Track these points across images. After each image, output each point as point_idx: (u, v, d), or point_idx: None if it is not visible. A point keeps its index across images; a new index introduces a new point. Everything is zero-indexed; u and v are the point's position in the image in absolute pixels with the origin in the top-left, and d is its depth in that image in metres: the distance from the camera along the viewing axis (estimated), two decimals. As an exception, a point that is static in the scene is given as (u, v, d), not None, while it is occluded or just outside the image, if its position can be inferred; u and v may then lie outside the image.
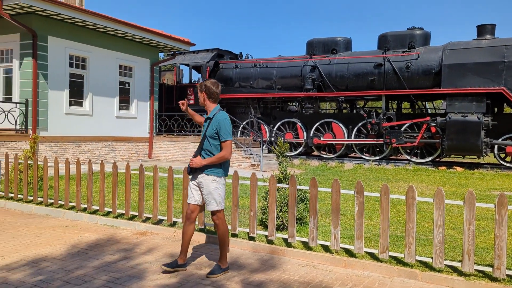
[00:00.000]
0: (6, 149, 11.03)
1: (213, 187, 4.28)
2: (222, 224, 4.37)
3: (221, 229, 4.36)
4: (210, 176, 4.29)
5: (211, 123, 4.29)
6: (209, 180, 4.28)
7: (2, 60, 12.80)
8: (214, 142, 4.27)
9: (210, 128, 4.28)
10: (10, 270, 4.27)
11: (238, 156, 14.32)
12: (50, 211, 6.94)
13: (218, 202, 4.31)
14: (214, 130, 4.24)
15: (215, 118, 4.28)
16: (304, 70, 16.61)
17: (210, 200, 4.30)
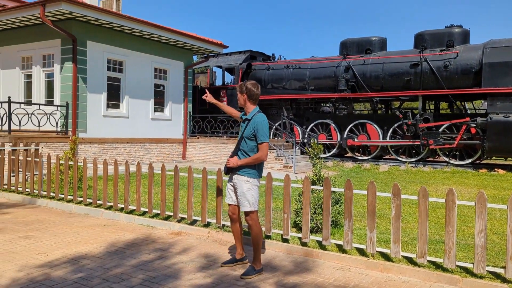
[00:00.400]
0: (48, 150, 11.47)
1: (246, 188, 4.35)
2: (255, 225, 4.39)
3: (254, 230, 4.38)
4: (244, 176, 4.35)
5: (249, 124, 4.34)
6: (243, 180, 4.35)
7: (45, 65, 13.33)
8: (250, 143, 4.33)
9: (248, 129, 4.33)
10: (52, 267, 4.42)
11: (271, 158, 14.31)
12: (89, 211, 7.16)
13: (251, 203, 4.35)
14: (252, 132, 4.29)
15: (254, 120, 4.32)
16: (337, 71, 16.42)
17: (243, 200, 4.36)
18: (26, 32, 13.46)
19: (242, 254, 4.67)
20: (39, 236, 5.61)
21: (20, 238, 5.51)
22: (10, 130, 11.08)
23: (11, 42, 13.94)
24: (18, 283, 3.94)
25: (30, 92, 13.71)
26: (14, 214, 7.00)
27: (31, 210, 7.34)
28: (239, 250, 4.67)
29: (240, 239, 4.68)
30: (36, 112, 12.43)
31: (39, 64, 13.35)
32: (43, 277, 4.12)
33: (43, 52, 13.21)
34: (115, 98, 14.00)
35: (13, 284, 3.91)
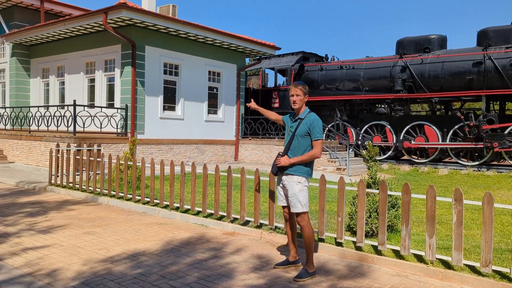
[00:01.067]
0: (109, 150, 12.06)
1: (298, 189, 4.34)
2: (307, 226, 4.36)
3: (306, 231, 4.35)
4: (295, 176, 4.35)
5: (302, 123, 4.37)
6: (294, 182, 4.35)
7: (106, 70, 14.03)
8: (304, 141, 4.34)
9: (301, 127, 4.36)
10: (114, 262, 4.63)
11: (323, 160, 14.13)
12: (147, 209, 7.43)
13: (303, 204, 4.35)
14: (306, 129, 4.32)
15: (308, 118, 4.37)
16: (393, 71, 15.92)
17: (295, 202, 4.35)
18: (90, 39, 14.24)
19: (296, 256, 4.64)
20: (101, 232, 5.90)
21: (84, 233, 5.83)
22: (75, 132, 11.76)
23: (76, 49, 14.81)
24: (83, 276, 4.16)
25: (93, 95, 14.49)
26: (78, 211, 7.42)
27: (93, 208, 7.74)
28: (293, 253, 4.65)
29: (294, 241, 4.66)
30: (98, 114, 13.11)
31: (101, 69, 14.08)
32: (105, 271, 4.32)
33: (105, 57, 13.91)
34: (171, 100, 14.45)
35: (79, 277, 4.14)
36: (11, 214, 6.99)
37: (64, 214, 7.10)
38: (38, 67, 16.47)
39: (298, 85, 4.44)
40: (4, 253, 4.85)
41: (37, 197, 8.74)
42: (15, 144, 13.93)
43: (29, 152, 13.26)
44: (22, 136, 13.57)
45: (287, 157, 4.39)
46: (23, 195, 8.95)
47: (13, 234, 5.71)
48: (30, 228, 6.07)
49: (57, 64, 15.67)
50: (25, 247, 5.09)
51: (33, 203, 8.05)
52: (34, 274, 4.20)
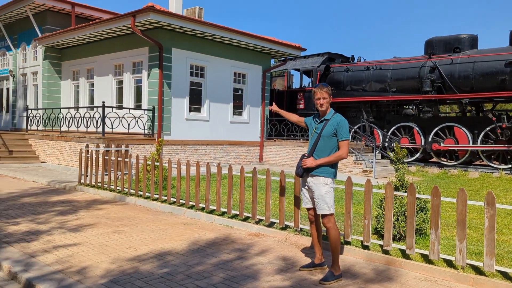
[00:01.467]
0: (136, 151, 12.27)
1: (325, 191, 4.33)
2: (334, 228, 4.34)
3: (333, 233, 4.32)
4: (322, 177, 4.33)
5: (328, 124, 4.36)
6: (321, 183, 4.33)
7: (134, 72, 14.30)
8: (330, 142, 4.33)
9: (328, 128, 4.35)
10: (141, 261, 4.71)
11: (349, 162, 13.97)
12: (173, 209, 7.52)
13: (329, 205, 4.33)
14: (333, 130, 4.32)
15: (334, 119, 4.38)
16: (422, 71, 15.60)
17: (322, 204, 4.33)
18: (118, 42, 14.54)
19: (321, 259, 4.61)
20: (128, 232, 6.01)
21: (112, 232, 5.94)
22: (103, 132, 12.02)
23: (105, 51, 15.16)
24: (111, 274, 4.24)
25: (121, 97, 14.79)
26: (107, 210, 7.57)
27: (121, 207, 7.88)
28: (318, 255, 4.61)
29: (319, 243, 4.63)
30: (126, 115, 13.37)
31: (129, 71, 14.35)
32: (133, 270, 4.40)
33: (132, 59, 14.18)
34: (197, 102, 14.59)
35: (107, 275, 4.22)
36: (43, 212, 7.21)
37: (93, 213, 7.26)
38: (69, 70, 16.94)
39: (324, 88, 4.41)
40: (36, 250, 5.00)
41: (67, 196, 8.97)
42: (46, 144, 14.36)
43: (60, 152, 13.64)
44: (53, 136, 13.97)
45: (313, 158, 4.37)
46: (54, 194, 9.21)
47: (45, 232, 5.88)
48: (61, 226, 6.23)
49: (87, 67, 16.07)
50: (56, 245, 5.24)
51: (63, 202, 8.27)
52: (64, 271, 4.31)
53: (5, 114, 20.17)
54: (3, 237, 5.54)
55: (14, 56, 19.05)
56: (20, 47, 18.63)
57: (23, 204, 7.86)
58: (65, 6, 16.55)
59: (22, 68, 18.64)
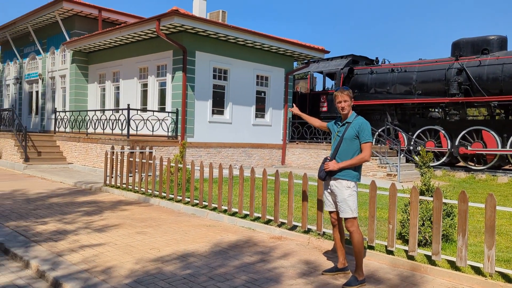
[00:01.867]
0: (160, 153, 12.43)
1: (348, 194, 4.29)
2: (357, 232, 4.30)
3: (356, 237, 4.29)
4: (345, 181, 4.30)
5: (350, 126, 4.34)
6: (344, 187, 4.30)
7: (158, 75, 14.50)
8: (352, 145, 4.31)
9: (350, 130, 4.33)
10: (164, 262, 4.75)
11: (373, 165, 13.78)
12: (195, 211, 7.57)
13: (353, 209, 4.30)
14: (355, 132, 4.30)
15: (356, 121, 4.36)
16: (448, 73, 15.28)
17: (345, 207, 4.30)
18: (143, 45, 14.78)
19: (344, 263, 4.56)
20: (152, 233, 6.08)
21: (136, 233, 6.03)
22: (128, 135, 12.23)
23: (131, 55, 15.43)
24: (135, 275, 4.30)
25: (145, 100, 15.02)
26: (131, 211, 7.69)
27: (145, 208, 7.99)
28: (341, 259, 4.57)
29: (342, 247, 4.59)
30: (150, 118, 13.56)
31: (153, 74, 14.57)
32: (156, 271, 4.45)
33: (157, 63, 14.39)
34: (220, 104, 14.67)
35: (131, 275, 4.28)
36: (69, 212, 7.37)
37: (117, 214, 7.39)
38: (96, 73, 17.32)
39: (344, 91, 4.40)
40: (63, 249, 5.12)
41: (93, 197, 9.16)
42: (73, 146, 14.70)
43: (86, 153, 13.94)
44: (80, 138, 14.30)
45: (335, 161, 4.34)
46: (81, 194, 9.41)
47: (71, 231, 6.01)
48: (87, 226, 6.36)
49: (113, 70, 16.40)
50: (82, 245, 5.34)
51: (89, 202, 8.44)
52: (90, 270, 4.39)
53: (35, 116, 20.76)
54: (32, 236, 5.70)
55: (43, 60, 19.60)
56: (49, 51, 19.16)
57: (51, 204, 8.06)
58: (93, 11, 16.94)
59: (50, 72, 19.17)
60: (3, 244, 5.27)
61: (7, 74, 23.40)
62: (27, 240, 5.49)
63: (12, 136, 15.03)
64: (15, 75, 22.39)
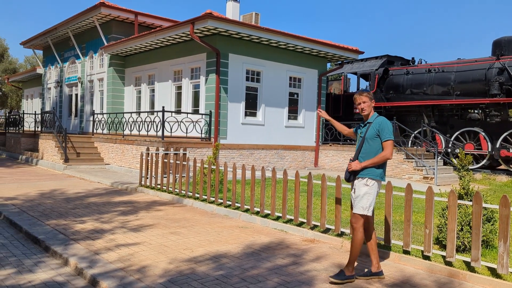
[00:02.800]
0: (193, 154, 12.60)
1: (364, 191, 4.35)
2: (360, 230, 4.36)
3: (357, 235, 4.35)
4: (364, 179, 4.35)
5: (371, 126, 4.40)
6: (362, 183, 4.36)
7: (192, 77, 14.72)
8: (374, 144, 4.36)
9: (371, 130, 4.39)
10: (197, 262, 4.81)
11: (409, 168, 13.45)
12: (228, 212, 7.62)
13: (364, 207, 4.34)
14: (376, 132, 4.36)
15: (377, 121, 4.42)
16: (489, 73, 14.71)
17: (357, 203, 4.38)
18: (177, 49, 15.05)
19: (378, 267, 4.47)
20: (185, 233, 6.16)
21: (170, 233, 6.13)
22: (163, 136, 12.47)
23: (165, 58, 15.74)
24: (169, 274, 4.37)
25: (179, 102, 15.27)
26: (165, 211, 7.83)
27: (179, 209, 8.12)
28: (375, 263, 4.49)
29: (375, 250, 4.52)
30: (184, 120, 13.77)
31: (187, 77, 14.79)
32: (189, 271, 4.50)
33: (191, 65, 14.61)
34: (252, 106, 14.73)
35: (165, 275, 4.35)
36: (106, 212, 7.59)
37: (152, 214, 7.54)
38: (132, 76, 17.77)
39: (363, 93, 4.48)
40: (100, 248, 5.27)
41: (129, 197, 9.39)
42: (110, 147, 15.13)
43: (122, 155, 14.31)
44: (117, 140, 14.70)
45: (358, 161, 4.40)
46: (117, 194, 9.67)
47: (108, 230, 6.18)
48: (123, 226, 6.52)
49: (148, 73, 16.78)
50: (118, 243, 5.48)
51: (125, 202, 8.66)
52: (125, 269, 4.49)
53: (74, 118, 21.52)
54: (70, 234, 5.90)
55: (82, 64, 20.30)
56: (88, 55, 19.83)
57: (89, 204, 8.32)
58: (129, 15, 17.40)
59: (89, 75, 19.83)
60: (44, 242, 5.48)
61: (49, 78, 24.38)
62: (66, 238, 5.69)
63: (53, 137, 15.63)
64: (56, 78, 23.29)
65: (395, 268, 4.81)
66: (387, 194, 5.33)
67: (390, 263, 5.02)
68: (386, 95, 17.88)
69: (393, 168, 13.86)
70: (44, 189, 10.06)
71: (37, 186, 10.43)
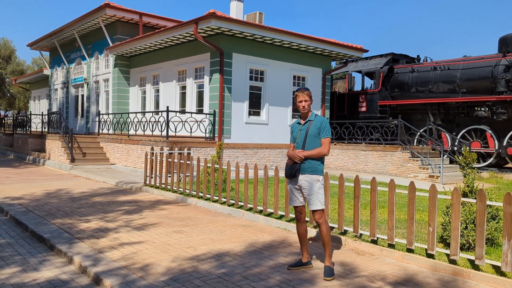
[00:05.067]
0: (197, 154, 12.63)
1: (318, 187, 4.53)
2: (325, 223, 4.54)
3: (325, 228, 4.51)
4: (315, 176, 4.54)
5: (313, 124, 4.62)
6: (314, 180, 4.53)
7: (196, 77, 14.75)
8: (316, 140, 4.57)
9: (313, 127, 4.59)
10: (200, 260, 4.82)
11: (414, 166, 13.38)
12: (232, 211, 7.63)
13: (321, 201, 4.53)
14: (317, 129, 4.57)
15: (317, 120, 4.64)
16: (495, 71, 14.59)
17: (314, 200, 4.53)
18: (181, 49, 15.08)
19: (308, 258, 4.72)
20: (189, 232, 6.18)
21: (174, 232, 6.15)
22: (167, 136, 12.50)
23: (169, 58, 15.79)
24: (172, 272, 4.38)
25: (184, 102, 15.31)
26: (169, 210, 7.85)
27: (183, 208, 8.14)
28: (306, 254, 4.71)
29: (306, 241, 4.75)
30: (188, 119, 13.80)
31: (191, 77, 14.82)
32: (192, 269, 4.51)
33: (195, 65, 14.63)
34: (256, 106, 14.73)
35: (168, 273, 4.37)
36: (111, 211, 7.62)
37: (156, 213, 7.56)
38: (136, 76, 17.84)
39: (305, 91, 4.64)
40: (104, 246, 5.29)
41: (133, 196, 9.43)
42: (116, 147, 15.21)
43: (127, 154, 14.38)
44: (122, 140, 14.76)
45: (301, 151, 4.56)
46: (122, 194, 9.71)
47: (112, 229, 6.21)
48: (127, 224, 6.55)
49: (153, 73, 16.84)
50: (122, 242, 5.51)
51: (129, 202, 8.69)
52: (129, 267, 4.51)
53: (80, 119, 21.65)
54: (75, 233, 5.93)
55: (88, 65, 20.42)
56: (94, 56, 19.93)
57: (94, 203, 8.37)
58: (134, 16, 17.47)
59: (95, 76, 19.93)
60: (49, 241, 5.52)
61: (55, 79, 24.54)
62: (71, 237, 5.72)
63: (60, 138, 15.74)
64: (62, 79, 23.45)
65: (398, 267, 4.79)
66: (390, 192, 5.32)
67: (394, 261, 5.00)
68: (391, 93, 17.80)
69: (398, 167, 13.79)
70: (50, 189, 10.13)
71: (43, 186, 10.51)
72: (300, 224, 4.74)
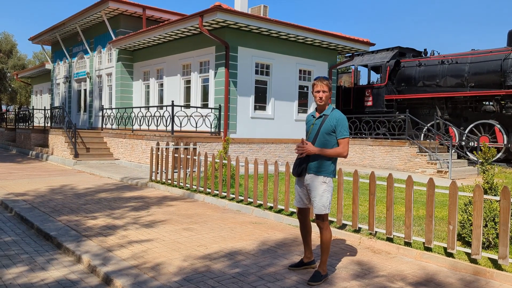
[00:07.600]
0: (203, 149, 12.47)
1: (323, 190, 4.14)
2: (328, 229, 4.21)
3: (326, 234, 4.20)
4: (320, 177, 4.15)
5: (327, 119, 4.15)
6: (319, 182, 4.15)
7: (201, 71, 14.55)
8: (330, 139, 4.12)
9: (327, 124, 4.13)
10: (212, 260, 4.67)
11: (422, 161, 13.20)
12: (241, 207, 7.48)
13: (326, 205, 4.16)
14: (332, 127, 4.11)
15: (333, 115, 4.15)
16: (504, 64, 14.37)
17: (318, 203, 4.17)
18: (186, 42, 14.88)
19: (311, 257, 4.48)
20: (198, 229, 6.03)
21: (183, 229, 6.00)
22: (173, 131, 12.34)
23: (174, 52, 15.59)
24: (184, 272, 4.24)
25: (189, 96, 15.13)
26: (177, 207, 7.70)
27: (190, 204, 7.99)
28: (307, 253, 4.47)
29: (309, 242, 4.48)
30: (193, 114, 13.63)
31: (196, 71, 14.63)
32: (205, 268, 4.36)
33: (199, 59, 14.44)
34: (262, 100, 14.54)
35: (180, 273, 4.22)
36: (118, 207, 7.48)
37: (164, 209, 7.42)
38: (140, 71, 17.65)
39: (324, 80, 4.15)
40: (113, 244, 5.15)
41: (139, 192, 9.28)
42: (119, 142, 15.06)
43: (132, 150, 14.23)
44: (126, 135, 14.61)
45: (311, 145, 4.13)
46: (127, 190, 9.57)
47: (120, 227, 6.06)
48: (135, 222, 6.41)
49: (157, 67, 16.64)
50: (131, 240, 5.36)
51: (136, 198, 8.55)
52: (139, 266, 4.37)
53: (83, 114, 21.50)
54: (82, 230, 5.79)
55: (91, 59, 20.23)
56: (96, 50, 19.74)
57: (99, 199, 8.22)
58: (137, 9, 17.26)
59: (97, 70, 19.75)
60: (56, 239, 5.38)
61: (58, 73, 24.37)
62: (78, 234, 5.58)
63: (63, 133, 15.59)
64: (64, 74, 23.27)
65: (417, 266, 4.64)
66: (407, 188, 5.16)
67: (412, 260, 4.85)
68: (397, 88, 17.59)
69: (406, 162, 13.62)
70: (54, 184, 9.99)
71: (47, 182, 10.37)
72: (303, 226, 4.44)
